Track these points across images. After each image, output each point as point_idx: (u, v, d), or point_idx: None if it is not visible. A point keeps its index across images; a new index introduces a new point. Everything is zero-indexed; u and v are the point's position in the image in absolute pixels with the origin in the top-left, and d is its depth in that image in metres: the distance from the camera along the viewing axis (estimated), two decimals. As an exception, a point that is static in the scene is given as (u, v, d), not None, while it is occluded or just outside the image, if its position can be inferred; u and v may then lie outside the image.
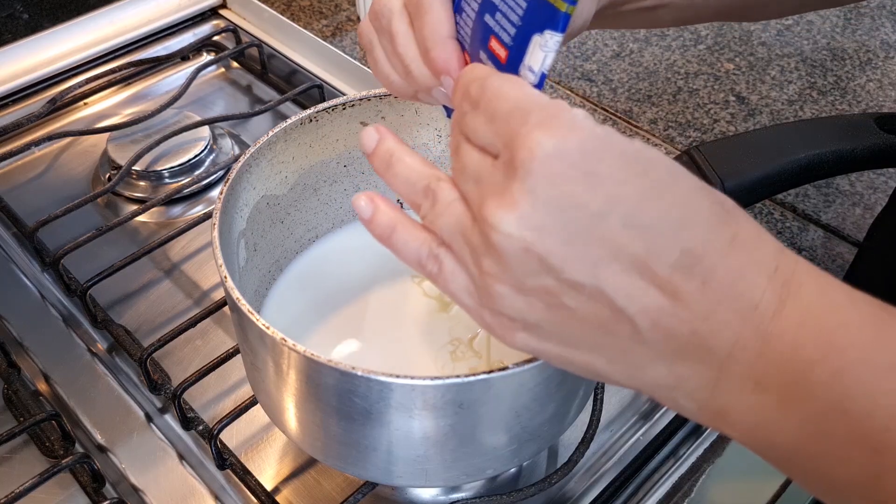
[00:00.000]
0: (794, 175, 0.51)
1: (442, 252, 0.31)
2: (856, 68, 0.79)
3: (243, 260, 0.47)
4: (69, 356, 0.57)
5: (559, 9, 0.29)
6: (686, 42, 0.83)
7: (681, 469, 0.50)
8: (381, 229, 0.33)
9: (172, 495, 0.49)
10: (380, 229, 0.33)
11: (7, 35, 0.79)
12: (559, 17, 0.29)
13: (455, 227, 0.30)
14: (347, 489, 0.48)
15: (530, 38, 0.31)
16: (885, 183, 0.67)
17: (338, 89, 0.76)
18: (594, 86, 0.78)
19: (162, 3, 0.85)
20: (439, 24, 0.36)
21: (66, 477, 0.49)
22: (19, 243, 0.65)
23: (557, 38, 0.30)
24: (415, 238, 0.32)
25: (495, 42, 0.33)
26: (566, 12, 0.29)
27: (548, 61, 0.31)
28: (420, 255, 0.32)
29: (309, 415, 0.40)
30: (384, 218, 0.33)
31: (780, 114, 0.74)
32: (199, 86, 0.80)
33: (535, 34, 0.30)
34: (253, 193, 0.46)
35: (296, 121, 0.47)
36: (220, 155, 0.72)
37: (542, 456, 0.51)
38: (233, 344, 0.53)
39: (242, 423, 0.51)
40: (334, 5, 0.89)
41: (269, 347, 0.37)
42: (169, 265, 0.63)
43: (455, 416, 0.37)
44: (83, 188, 0.69)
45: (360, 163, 0.52)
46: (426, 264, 0.32)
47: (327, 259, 0.53)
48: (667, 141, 0.72)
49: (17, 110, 0.77)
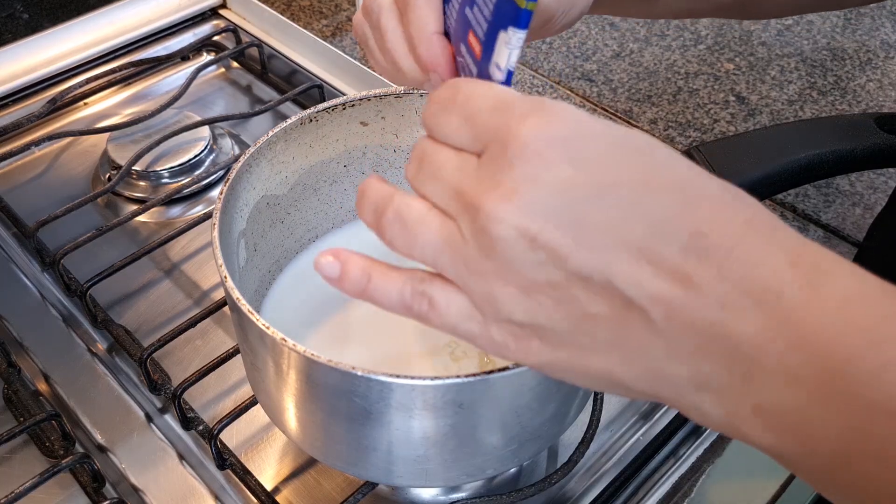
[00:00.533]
0: (794, 175, 0.51)
1: (427, 286, 0.29)
2: (856, 68, 0.79)
3: (243, 260, 0.47)
4: (69, 356, 0.57)
5: (519, 5, 0.29)
6: (686, 42, 0.83)
7: (681, 469, 0.50)
8: (354, 284, 0.30)
9: (172, 495, 0.49)
10: (353, 284, 0.30)
11: (7, 35, 0.79)
12: (520, 14, 0.29)
13: (439, 242, 0.28)
14: (347, 489, 0.48)
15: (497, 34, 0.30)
16: (885, 183, 0.67)
17: (338, 89, 0.76)
18: (594, 86, 0.78)
19: (162, 3, 0.85)
20: (425, 20, 0.36)
21: (66, 477, 0.49)
22: (19, 243, 0.65)
23: (520, 35, 0.29)
24: (393, 281, 0.30)
25: (472, 36, 0.33)
26: (526, 9, 0.29)
27: (513, 58, 0.30)
28: (403, 297, 0.30)
29: (309, 415, 0.40)
30: (355, 271, 0.30)
31: (780, 114, 0.74)
32: (199, 86, 0.80)
33: (501, 30, 0.30)
34: (253, 193, 0.46)
35: (296, 121, 0.47)
36: (220, 155, 0.72)
37: (542, 456, 0.51)
38: (233, 344, 0.53)
39: (242, 423, 0.51)
40: (334, 5, 0.89)
41: (269, 347, 0.37)
42: (169, 265, 0.63)
43: (455, 416, 0.37)
44: (83, 188, 0.69)
45: (359, 163, 0.52)
46: (413, 304, 0.29)
47: (327, 259, 0.53)
48: (667, 141, 0.72)
49: (17, 110, 0.77)
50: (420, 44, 0.36)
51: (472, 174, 0.27)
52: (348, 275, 0.30)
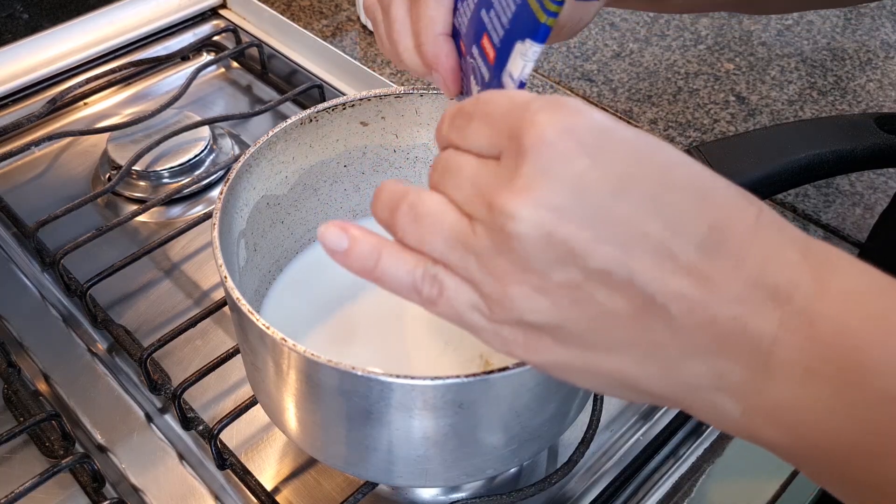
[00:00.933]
0: (794, 175, 0.51)
1: (440, 271, 0.28)
2: (856, 68, 0.79)
3: (243, 260, 0.47)
4: (69, 356, 0.57)
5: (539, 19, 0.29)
6: (686, 42, 0.83)
7: (681, 469, 0.50)
8: (362, 261, 0.29)
9: (172, 495, 0.49)
10: (361, 261, 0.29)
11: (7, 35, 0.79)
12: (539, 28, 0.29)
13: (451, 238, 0.27)
14: (347, 489, 0.48)
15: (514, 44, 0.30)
16: (885, 183, 0.67)
17: (338, 89, 0.76)
18: (594, 86, 0.78)
19: (162, 3, 0.85)
20: (434, 19, 0.36)
21: (66, 477, 0.49)
22: (19, 243, 0.65)
23: (537, 48, 0.29)
24: (405, 261, 0.28)
25: (486, 41, 0.32)
26: (545, 24, 0.29)
27: (527, 70, 0.30)
28: (414, 278, 0.28)
29: (309, 415, 0.40)
30: (364, 247, 0.29)
31: (780, 114, 0.74)
32: (199, 86, 0.80)
33: (518, 41, 0.30)
34: (253, 193, 0.46)
35: (296, 121, 0.47)
36: (220, 155, 0.72)
37: (542, 456, 0.51)
38: (233, 344, 0.53)
39: (242, 423, 0.51)
40: (334, 5, 0.89)
41: (269, 347, 0.37)
42: (169, 265, 0.63)
43: (455, 416, 0.37)
44: (83, 188, 0.69)
45: (359, 163, 0.52)
46: (423, 288, 0.28)
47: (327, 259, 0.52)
48: (667, 141, 0.72)
49: (17, 110, 0.77)
50: (426, 42, 0.36)
51: (491, 173, 0.27)
52: (356, 250, 0.29)
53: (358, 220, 0.54)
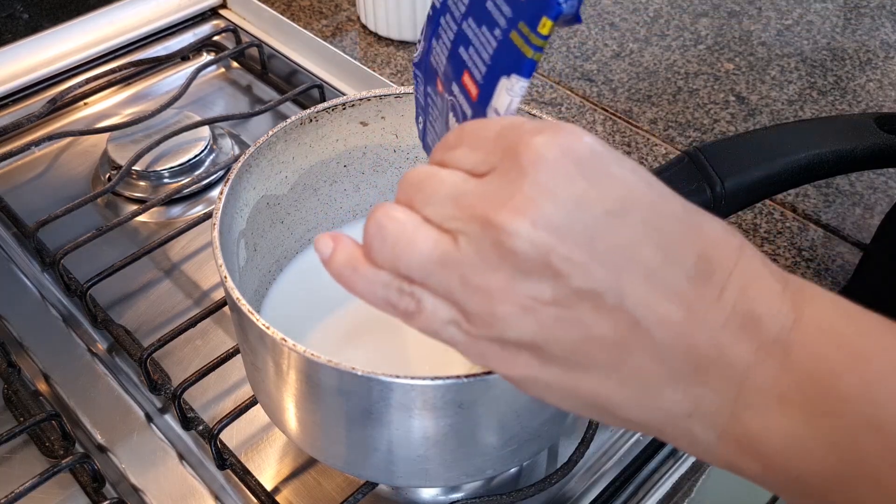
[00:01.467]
0: (794, 175, 0.51)
1: (416, 288, 0.28)
2: (856, 68, 0.79)
3: (243, 260, 0.47)
4: (69, 356, 0.57)
5: (525, 54, 0.28)
6: (686, 42, 0.83)
7: (681, 469, 0.50)
8: (339, 266, 0.29)
9: (172, 495, 0.49)
10: (337, 266, 0.29)
11: (7, 35, 0.79)
12: (524, 63, 0.29)
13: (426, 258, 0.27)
14: (347, 489, 0.48)
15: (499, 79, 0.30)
16: (885, 183, 0.67)
17: (338, 89, 0.76)
18: (594, 86, 0.78)
19: (162, 3, 0.85)
20: None
21: (66, 477, 0.49)
22: (19, 243, 0.65)
23: (523, 83, 0.29)
24: (381, 274, 0.28)
25: (468, 77, 0.32)
26: (531, 59, 0.28)
27: (514, 105, 0.30)
28: (388, 292, 0.28)
29: (309, 415, 0.40)
30: (341, 255, 0.29)
31: (780, 114, 0.74)
32: (199, 86, 0.80)
33: (503, 77, 0.30)
34: (253, 193, 0.46)
35: (296, 121, 0.47)
36: (220, 155, 0.72)
37: (542, 456, 0.51)
38: (233, 344, 0.53)
39: (242, 423, 0.51)
40: (334, 5, 0.89)
41: (269, 347, 0.37)
42: (169, 265, 0.63)
43: (455, 416, 0.37)
44: (83, 188, 0.69)
45: (359, 163, 0.52)
46: (399, 302, 0.28)
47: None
48: (667, 141, 0.72)
49: (17, 110, 0.77)
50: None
51: (479, 189, 0.26)
52: (335, 259, 0.29)
53: (358, 220, 0.55)
